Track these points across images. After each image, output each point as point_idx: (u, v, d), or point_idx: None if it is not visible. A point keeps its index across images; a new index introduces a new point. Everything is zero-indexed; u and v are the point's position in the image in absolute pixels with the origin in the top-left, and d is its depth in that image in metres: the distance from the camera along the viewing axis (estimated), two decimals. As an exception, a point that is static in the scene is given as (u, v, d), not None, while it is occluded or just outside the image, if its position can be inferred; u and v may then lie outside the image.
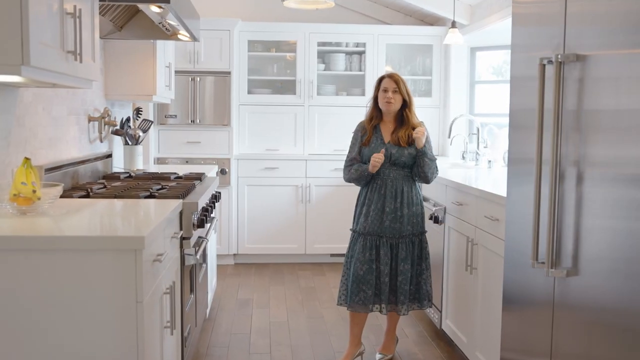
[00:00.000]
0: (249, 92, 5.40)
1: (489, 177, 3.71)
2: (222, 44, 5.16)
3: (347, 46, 5.49)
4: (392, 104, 3.13)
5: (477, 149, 4.59)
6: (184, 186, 2.99)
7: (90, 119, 3.41)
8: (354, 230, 3.23)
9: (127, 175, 3.55)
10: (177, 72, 4.78)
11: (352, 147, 3.25)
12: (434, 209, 3.54)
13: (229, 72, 5.19)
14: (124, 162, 3.92)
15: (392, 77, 3.14)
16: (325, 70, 5.47)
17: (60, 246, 1.77)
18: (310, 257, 5.43)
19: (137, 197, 2.62)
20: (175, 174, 3.57)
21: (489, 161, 4.37)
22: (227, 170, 5.22)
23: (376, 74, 5.32)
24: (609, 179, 1.66)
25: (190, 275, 2.84)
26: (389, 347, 3.36)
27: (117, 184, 3.10)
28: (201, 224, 2.71)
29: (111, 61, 3.75)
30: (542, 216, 1.94)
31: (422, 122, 3.23)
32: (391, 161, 3.13)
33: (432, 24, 5.68)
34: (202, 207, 2.84)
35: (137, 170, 3.84)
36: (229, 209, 5.25)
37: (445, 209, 3.46)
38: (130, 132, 3.88)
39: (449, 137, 4.74)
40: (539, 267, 1.95)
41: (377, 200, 3.14)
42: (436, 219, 3.49)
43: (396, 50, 5.58)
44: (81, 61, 2.08)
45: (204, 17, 4.21)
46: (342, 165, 3.21)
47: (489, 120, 4.89)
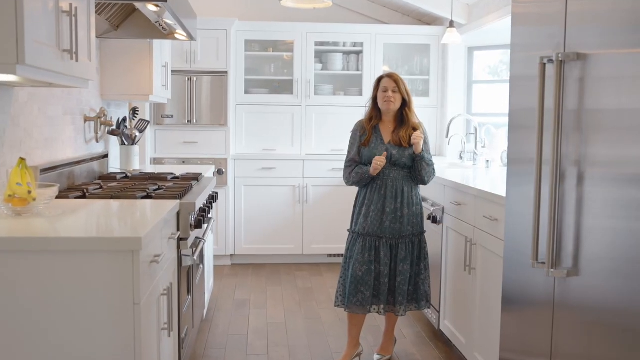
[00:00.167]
0: (246, 92, 5.38)
1: (486, 177, 3.70)
2: (219, 44, 5.14)
3: (344, 46, 5.48)
4: (392, 104, 3.12)
5: (475, 148, 4.58)
6: (181, 186, 2.97)
7: (86, 119, 3.39)
8: (352, 231, 3.21)
9: (124, 175, 3.53)
10: (173, 71, 4.76)
11: (350, 147, 3.23)
12: (432, 209, 3.53)
13: (225, 72, 5.17)
14: (120, 163, 3.89)
15: (391, 76, 3.12)
16: (322, 70, 5.45)
17: (56, 248, 1.75)
18: (307, 257, 5.41)
19: (134, 197, 2.60)
20: (172, 174, 3.55)
21: (487, 161, 4.36)
22: (224, 170, 5.20)
23: (374, 74, 5.31)
24: (609, 179, 1.66)
25: (187, 276, 2.82)
26: (387, 348, 3.35)
27: (114, 184, 3.08)
28: (198, 224, 2.69)
29: (107, 61, 3.73)
30: (542, 216, 1.93)
31: (421, 122, 3.22)
32: (392, 162, 3.12)
33: (429, 24, 5.67)
34: (200, 208, 2.82)
35: (134, 170, 3.82)
36: (225, 209, 5.23)
37: (443, 209, 3.45)
38: (126, 132, 3.86)
39: (446, 137, 4.73)
40: (539, 268, 1.94)
41: (377, 200, 3.12)
42: (434, 219, 3.48)
43: (394, 50, 5.57)
44: (77, 60, 2.06)
45: (200, 17, 4.19)
46: (339, 165, 3.21)
47: (486, 120, 4.88)
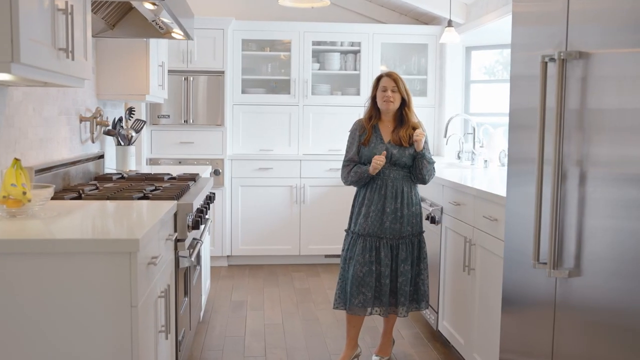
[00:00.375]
0: (243, 91, 5.35)
1: (485, 177, 3.69)
2: (216, 43, 5.12)
3: (342, 45, 5.46)
4: (391, 103, 3.10)
5: (473, 148, 4.57)
6: (178, 187, 2.95)
7: (81, 119, 3.36)
8: (352, 231, 3.19)
9: (120, 176, 3.50)
10: (170, 71, 4.73)
11: (349, 147, 3.20)
12: (430, 209, 3.51)
13: (222, 72, 5.15)
14: (116, 163, 3.86)
15: (390, 75, 3.10)
16: (320, 69, 5.43)
17: (51, 250, 1.72)
18: (304, 258, 5.39)
19: (130, 198, 2.57)
20: (168, 174, 3.52)
21: (485, 161, 4.35)
22: (220, 170, 5.18)
23: (371, 74, 5.30)
24: (612, 179, 1.64)
25: (184, 277, 2.79)
26: (386, 349, 3.33)
27: (110, 185, 3.05)
28: (196, 225, 2.67)
29: (103, 60, 3.69)
30: (543, 216, 1.91)
31: (420, 122, 3.20)
32: (392, 161, 3.10)
33: (427, 23, 5.66)
34: (197, 209, 2.79)
35: (130, 171, 3.79)
36: (222, 209, 5.20)
37: (442, 209, 3.43)
38: (122, 132, 3.83)
39: (444, 136, 4.71)
40: (540, 268, 1.93)
41: (377, 200, 3.10)
42: (433, 219, 3.46)
43: (391, 49, 5.55)
44: (73, 59, 2.03)
45: (197, 16, 4.16)
46: (337, 165, 3.18)
47: (484, 119, 4.87)
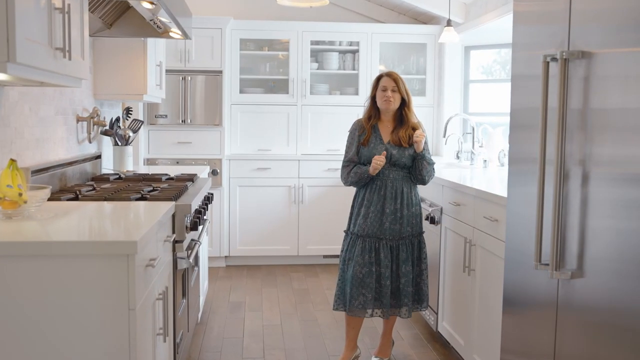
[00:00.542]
0: (241, 91, 5.33)
1: (484, 177, 3.68)
2: (214, 43, 5.09)
3: (340, 45, 5.44)
4: (391, 103, 3.08)
5: (472, 148, 4.55)
6: (176, 188, 2.92)
7: (78, 119, 3.34)
8: (351, 232, 3.17)
9: (117, 176, 3.48)
10: (167, 71, 4.70)
11: (349, 147, 3.18)
12: (430, 209, 3.50)
13: (220, 71, 5.13)
14: (114, 163, 3.84)
15: (390, 75, 3.08)
16: (318, 69, 5.41)
17: (48, 252, 1.70)
18: (303, 258, 5.37)
19: (128, 199, 2.55)
20: (166, 175, 3.50)
21: (484, 161, 4.34)
22: (218, 171, 5.15)
23: (370, 73, 5.28)
24: (615, 179, 1.63)
25: (182, 279, 2.77)
26: (385, 350, 3.31)
27: (107, 185, 3.03)
28: (194, 226, 2.65)
29: (100, 60, 3.67)
30: (545, 217, 1.90)
31: (420, 122, 3.18)
32: (391, 162, 3.08)
33: (425, 23, 5.64)
34: (195, 210, 2.77)
35: (127, 171, 3.77)
36: (220, 210, 5.18)
37: (441, 209, 3.42)
38: (119, 132, 3.80)
39: (444, 136, 4.70)
40: (542, 269, 1.91)
41: (376, 201, 3.08)
42: (432, 220, 3.45)
43: (390, 49, 5.54)
44: (70, 58, 2.01)
45: (195, 15, 4.14)
46: (335, 165, 3.16)
47: (483, 119, 4.86)
